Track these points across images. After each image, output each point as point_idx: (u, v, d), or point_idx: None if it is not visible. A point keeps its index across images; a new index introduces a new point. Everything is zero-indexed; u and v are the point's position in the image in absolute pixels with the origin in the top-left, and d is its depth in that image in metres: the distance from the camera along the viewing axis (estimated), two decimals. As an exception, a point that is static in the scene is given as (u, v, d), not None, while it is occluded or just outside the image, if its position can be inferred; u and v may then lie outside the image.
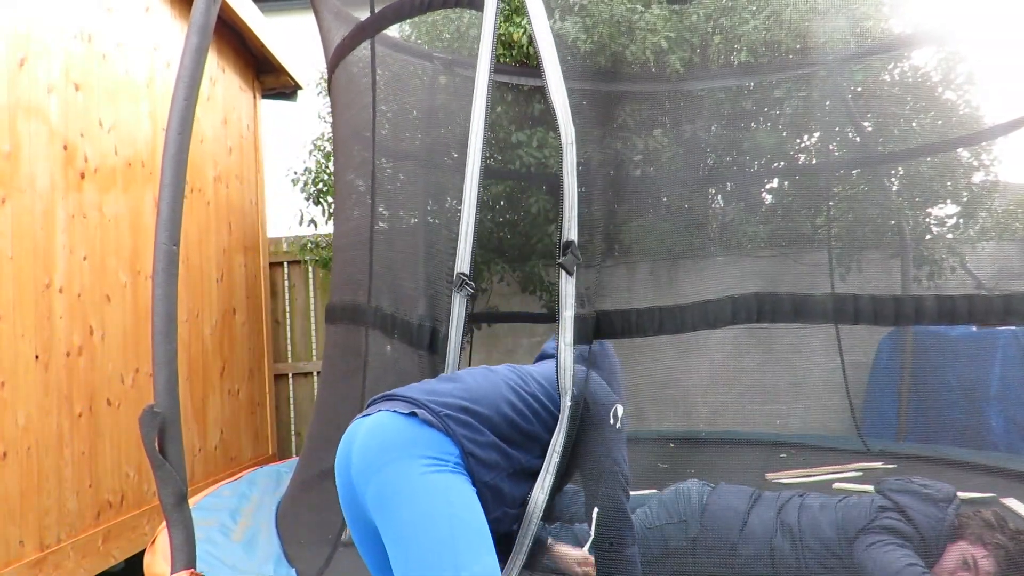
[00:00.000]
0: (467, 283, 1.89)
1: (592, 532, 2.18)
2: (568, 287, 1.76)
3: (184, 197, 1.71)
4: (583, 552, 1.83)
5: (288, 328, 5.40)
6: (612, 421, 1.75)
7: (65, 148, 3.00)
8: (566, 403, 1.71)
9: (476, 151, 1.94)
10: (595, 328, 1.81)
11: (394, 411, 1.52)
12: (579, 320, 1.76)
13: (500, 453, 1.56)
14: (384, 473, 1.44)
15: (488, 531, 1.46)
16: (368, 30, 3.02)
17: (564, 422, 1.70)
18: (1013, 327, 3.70)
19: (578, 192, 1.85)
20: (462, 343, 1.95)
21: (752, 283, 4.25)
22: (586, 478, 1.75)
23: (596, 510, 2.31)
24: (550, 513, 1.73)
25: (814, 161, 4.59)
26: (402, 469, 1.43)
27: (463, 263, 1.90)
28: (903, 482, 2.19)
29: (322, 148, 5.11)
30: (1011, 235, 4.26)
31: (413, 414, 1.50)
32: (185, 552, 1.64)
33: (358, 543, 1.62)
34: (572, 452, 1.72)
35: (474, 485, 1.49)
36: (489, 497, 1.53)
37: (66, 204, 2.99)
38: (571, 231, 1.78)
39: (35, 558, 2.67)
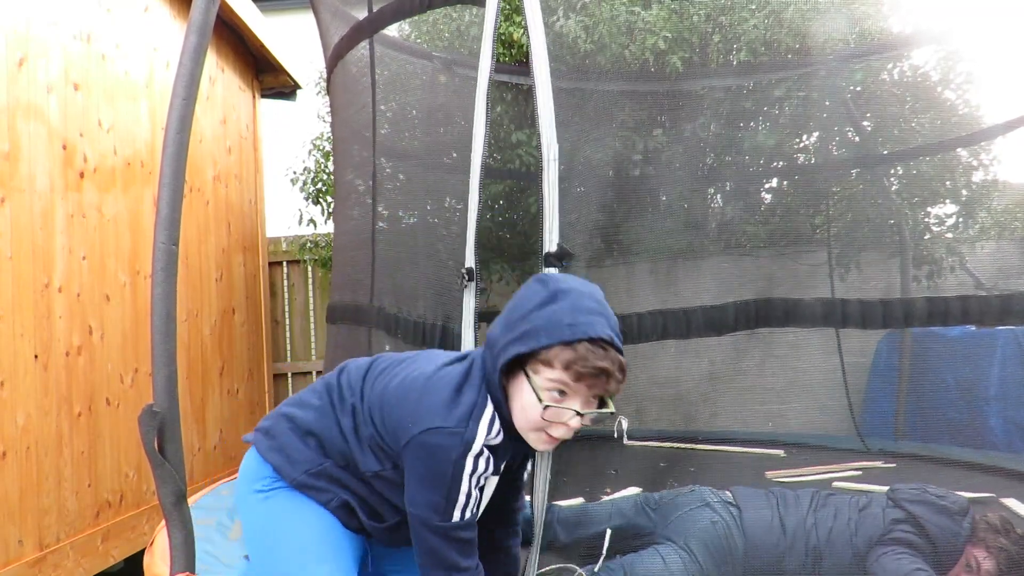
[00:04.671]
0: (476, 278, 1.90)
1: (604, 551, 2.18)
2: None
3: (183, 197, 1.70)
4: None
5: (287, 328, 5.40)
6: (616, 435, 1.74)
7: (64, 148, 3.00)
8: None
9: (479, 148, 1.97)
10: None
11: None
12: None
13: (324, 455, 1.53)
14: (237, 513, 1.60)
15: (326, 539, 1.50)
16: (366, 29, 3.02)
17: None
18: (1012, 327, 3.70)
19: (578, 192, 1.87)
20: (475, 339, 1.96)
21: (751, 283, 4.24)
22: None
23: (608, 531, 2.29)
24: (554, 494, 1.75)
25: (813, 161, 4.58)
26: (241, 506, 1.59)
27: (470, 258, 1.91)
28: (918, 492, 2.16)
29: (321, 147, 5.11)
30: (1010, 234, 4.26)
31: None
32: (184, 552, 1.64)
33: None
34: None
35: (328, 499, 1.51)
36: (358, 506, 1.52)
37: (65, 204, 2.99)
38: (552, 243, 1.82)
39: (34, 557, 2.67)
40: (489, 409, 1.40)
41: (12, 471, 2.62)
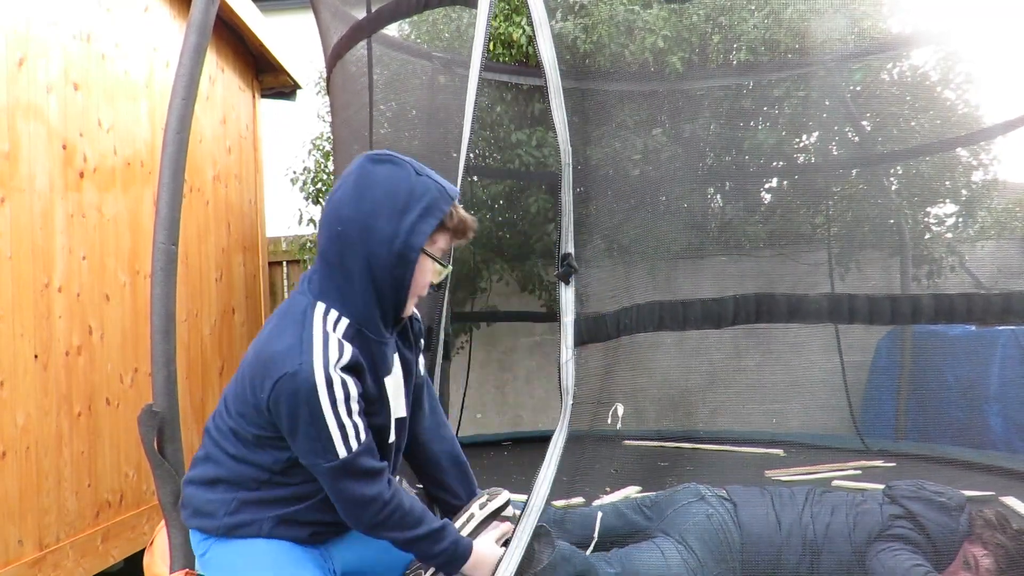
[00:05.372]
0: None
1: (596, 535, 2.19)
2: (567, 295, 1.81)
3: (183, 197, 1.71)
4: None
5: (287, 328, 5.39)
6: (611, 421, 1.76)
7: (64, 148, 3.00)
8: (568, 402, 1.75)
9: (467, 129, 1.96)
10: (594, 327, 1.83)
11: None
12: (579, 322, 1.80)
13: (236, 490, 1.52)
14: None
15: (274, 558, 1.49)
16: (365, 29, 3.02)
17: (565, 421, 1.74)
18: (1012, 327, 3.70)
19: (577, 192, 1.87)
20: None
21: (751, 283, 4.25)
22: None
23: (600, 513, 2.30)
24: (553, 494, 1.76)
25: (813, 160, 4.59)
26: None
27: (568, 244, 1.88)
28: (915, 488, 2.17)
29: (321, 147, 5.11)
30: (1010, 234, 4.26)
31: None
32: (184, 551, 1.64)
33: None
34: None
35: (258, 528, 1.50)
36: (292, 510, 1.51)
37: (65, 204, 2.99)
38: (568, 244, 1.83)
39: (34, 557, 2.67)
40: (318, 334, 1.39)
41: (12, 471, 2.61)
